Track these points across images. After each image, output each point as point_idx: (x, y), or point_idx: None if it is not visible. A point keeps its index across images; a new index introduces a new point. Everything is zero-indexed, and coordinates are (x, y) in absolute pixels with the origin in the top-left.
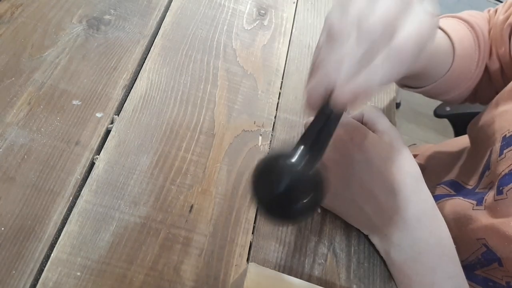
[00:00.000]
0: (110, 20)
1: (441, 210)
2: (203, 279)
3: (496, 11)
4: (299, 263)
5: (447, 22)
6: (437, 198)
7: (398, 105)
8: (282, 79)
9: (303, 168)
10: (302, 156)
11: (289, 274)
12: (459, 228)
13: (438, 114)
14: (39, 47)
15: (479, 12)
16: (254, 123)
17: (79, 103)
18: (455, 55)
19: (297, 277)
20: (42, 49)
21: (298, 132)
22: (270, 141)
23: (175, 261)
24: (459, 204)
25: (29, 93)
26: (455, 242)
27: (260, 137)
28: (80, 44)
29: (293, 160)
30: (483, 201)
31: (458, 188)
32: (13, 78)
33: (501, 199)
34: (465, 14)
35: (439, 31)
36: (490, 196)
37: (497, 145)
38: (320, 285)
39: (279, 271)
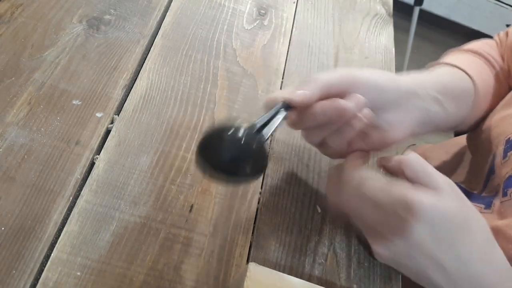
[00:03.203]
0: (110, 20)
1: None
2: (203, 279)
3: (507, 33)
4: (299, 263)
5: (456, 58)
6: None
7: None
8: (282, 79)
9: (249, 141)
10: (250, 133)
11: (289, 274)
12: None
13: None
14: (39, 47)
15: (483, 40)
16: None
17: (79, 103)
18: (475, 86)
19: (297, 277)
20: (42, 49)
21: (298, 132)
22: (270, 141)
23: (175, 261)
24: None
25: (29, 93)
26: None
27: None
28: (80, 44)
29: (241, 133)
30: (492, 205)
31: (463, 192)
32: (13, 78)
33: (506, 200)
34: (468, 46)
35: (455, 69)
36: (498, 200)
37: (501, 148)
38: (320, 285)
39: (279, 271)
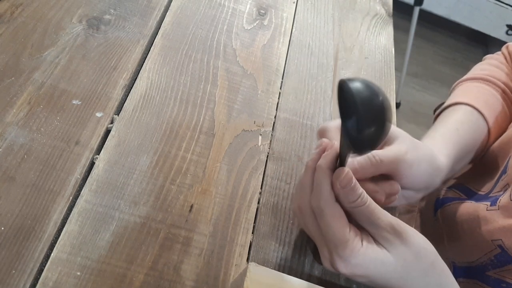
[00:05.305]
0: (110, 19)
1: (454, 211)
2: (203, 279)
3: None
4: (299, 262)
5: (471, 93)
6: (448, 200)
7: (398, 105)
8: (282, 79)
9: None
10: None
11: (289, 273)
12: (472, 229)
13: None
14: (39, 47)
15: (490, 59)
16: (254, 123)
17: (79, 103)
18: (489, 128)
19: (297, 277)
20: (42, 49)
21: (298, 131)
22: (270, 140)
23: (175, 261)
24: (472, 206)
25: (29, 92)
26: (467, 244)
27: (260, 137)
28: (80, 44)
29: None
30: (497, 202)
31: (469, 193)
32: (13, 78)
33: None
34: (479, 72)
35: (470, 111)
36: (505, 197)
37: None
38: (320, 285)
39: (279, 270)
